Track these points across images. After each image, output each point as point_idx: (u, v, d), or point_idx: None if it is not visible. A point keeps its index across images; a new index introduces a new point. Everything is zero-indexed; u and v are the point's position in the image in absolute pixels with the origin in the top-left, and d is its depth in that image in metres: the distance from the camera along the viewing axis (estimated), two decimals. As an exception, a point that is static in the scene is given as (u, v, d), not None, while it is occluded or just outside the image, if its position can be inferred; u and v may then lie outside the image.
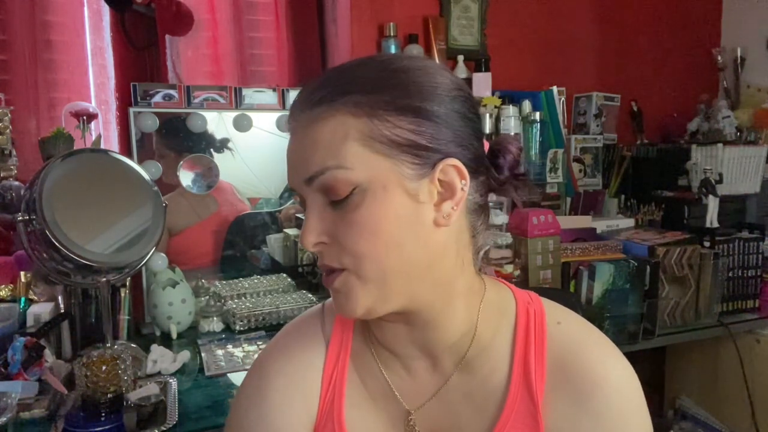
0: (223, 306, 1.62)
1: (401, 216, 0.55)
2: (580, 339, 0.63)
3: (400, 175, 0.55)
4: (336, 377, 0.65)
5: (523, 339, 0.63)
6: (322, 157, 0.54)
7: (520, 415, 0.60)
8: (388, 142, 0.54)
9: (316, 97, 0.56)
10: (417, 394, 0.64)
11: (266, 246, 1.90)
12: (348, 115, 0.54)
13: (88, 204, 1.24)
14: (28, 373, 1.18)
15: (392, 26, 2.00)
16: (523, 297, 0.67)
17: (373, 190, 0.54)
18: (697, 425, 2.03)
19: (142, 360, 1.31)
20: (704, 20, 2.60)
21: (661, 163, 2.16)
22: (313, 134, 0.55)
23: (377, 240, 0.54)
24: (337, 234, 0.55)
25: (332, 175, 0.54)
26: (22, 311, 1.35)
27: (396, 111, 0.55)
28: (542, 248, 1.58)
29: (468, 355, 0.62)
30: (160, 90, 1.67)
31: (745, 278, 1.80)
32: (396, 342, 0.63)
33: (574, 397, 0.60)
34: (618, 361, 0.62)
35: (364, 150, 0.54)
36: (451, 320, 0.61)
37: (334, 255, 0.56)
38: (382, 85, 0.56)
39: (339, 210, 0.55)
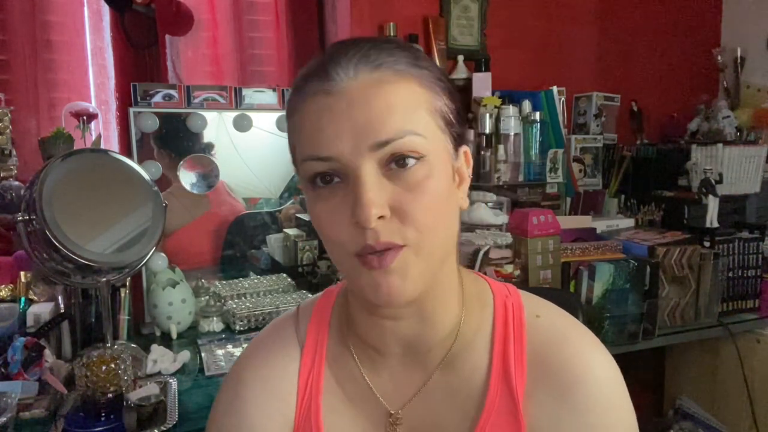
0: (223, 306, 1.62)
1: (449, 193, 0.55)
2: (561, 332, 0.61)
3: (449, 153, 0.55)
4: (312, 382, 0.63)
5: (501, 334, 0.61)
6: (400, 121, 0.51)
7: (500, 413, 0.59)
8: (444, 118, 0.54)
9: (373, 60, 0.52)
10: (398, 394, 0.62)
11: (266, 246, 1.90)
12: (416, 84, 0.53)
13: (88, 204, 1.24)
14: (28, 373, 1.18)
15: (392, 26, 2.00)
16: (500, 290, 0.65)
17: (437, 163, 0.53)
18: (697, 425, 2.03)
19: (142, 360, 1.31)
20: (704, 20, 2.60)
21: (661, 163, 2.16)
22: (384, 96, 0.51)
23: (440, 211, 0.53)
24: (403, 204, 0.51)
25: (410, 140, 0.51)
26: (22, 311, 1.35)
27: (444, 89, 0.55)
28: (542, 248, 1.58)
29: (451, 353, 0.61)
30: (160, 90, 1.67)
31: (745, 278, 1.80)
32: (383, 340, 0.61)
33: (555, 392, 0.58)
34: (600, 354, 0.60)
35: (432, 120, 0.53)
36: (444, 314, 0.60)
37: (395, 229, 0.51)
38: (424, 64, 0.55)
39: (401, 180, 0.51)
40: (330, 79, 0.52)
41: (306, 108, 0.53)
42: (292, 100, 0.56)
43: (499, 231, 1.64)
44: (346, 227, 0.52)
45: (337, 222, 0.52)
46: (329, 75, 0.52)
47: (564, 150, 2.03)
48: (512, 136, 1.94)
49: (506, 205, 1.76)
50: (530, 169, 1.99)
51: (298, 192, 1.97)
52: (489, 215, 1.65)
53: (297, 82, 0.56)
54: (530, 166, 1.99)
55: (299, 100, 0.54)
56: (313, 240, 1.86)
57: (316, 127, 0.52)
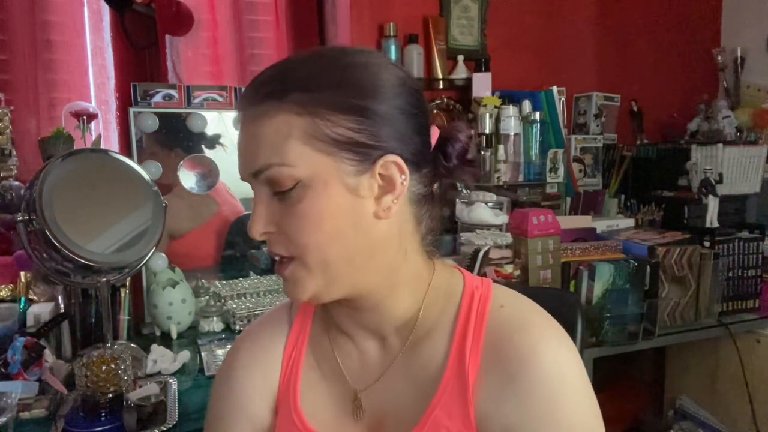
0: (223, 306, 1.62)
1: (341, 209, 0.58)
2: (519, 322, 0.63)
3: (340, 172, 0.58)
4: (294, 357, 0.71)
5: (464, 323, 0.64)
6: (266, 154, 0.58)
7: (452, 395, 0.62)
8: (329, 141, 0.57)
9: (261, 93, 0.59)
10: (365, 375, 0.68)
11: (266, 246, 1.90)
12: (291, 114, 0.57)
13: (88, 204, 1.24)
14: (28, 373, 1.19)
15: (392, 26, 2.00)
16: (472, 282, 0.68)
17: (314, 186, 0.57)
18: (697, 425, 2.03)
19: (142, 360, 1.31)
20: (704, 20, 2.60)
21: (661, 163, 2.16)
22: (258, 131, 0.58)
23: (319, 231, 0.58)
24: (283, 224, 0.59)
25: (276, 171, 0.58)
26: (22, 311, 1.35)
27: (337, 110, 0.57)
28: (542, 248, 1.58)
29: (412, 338, 0.65)
30: (160, 90, 1.67)
31: (745, 278, 1.80)
32: (348, 324, 0.68)
33: (503, 377, 0.60)
34: (555, 344, 0.61)
35: (306, 148, 0.57)
36: (395, 305, 0.65)
37: (281, 244, 0.60)
38: (324, 84, 0.58)
39: (283, 202, 0.59)
40: (240, 109, 0.62)
41: None
42: None
43: (499, 231, 1.64)
44: None
45: None
46: (240, 105, 0.61)
47: (564, 150, 2.03)
48: (512, 136, 1.94)
49: (506, 205, 1.76)
50: (530, 169, 1.99)
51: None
52: (489, 215, 1.65)
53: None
54: (530, 166, 1.99)
55: None
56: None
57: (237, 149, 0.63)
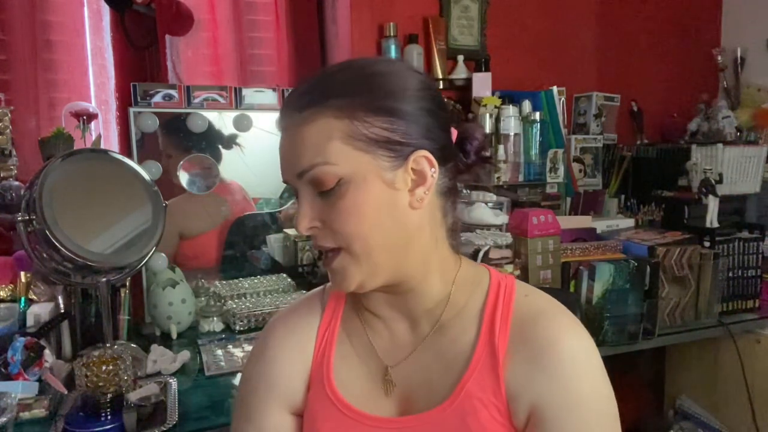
0: (223, 306, 1.62)
1: (380, 201, 0.65)
2: (542, 309, 0.70)
3: (378, 168, 0.64)
4: (328, 335, 0.76)
5: (492, 306, 0.71)
6: (310, 155, 0.64)
7: (484, 369, 0.68)
8: (367, 140, 0.64)
9: (304, 101, 0.65)
10: (396, 352, 0.73)
11: (266, 246, 1.90)
12: (331, 118, 0.63)
13: (88, 204, 1.24)
14: (28, 373, 1.19)
15: (392, 26, 2.00)
16: (497, 275, 0.75)
17: (355, 182, 0.64)
18: (697, 425, 2.03)
19: (142, 360, 1.31)
20: (704, 20, 2.60)
21: (661, 163, 2.16)
22: (302, 134, 0.64)
23: (362, 222, 0.64)
24: (328, 219, 0.65)
25: (320, 170, 0.63)
26: (22, 311, 1.35)
27: (372, 112, 0.64)
28: (542, 248, 1.58)
29: (442, 318, 0.71)
30: (160, 90, 1.67)
31: (745, 278, 1.80)
32: (380, 307, 0.73)
33: (531, 354, 0.66)
34: (574, 330, 0.68)
35: (347, 147, 0.63)
36: (428, 289, 0.71)
37: (327, 237, 0.66)
38: (359, 90, 0.65)
39: (327, 199, 0.64)
40: (282, 117, 0.68)
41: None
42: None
43: (499, 231, 1.63)
44: None
45: None
46: (283, 112, 0.68)
47: (564, 150, 2.03)
48: (512, 136, 1.94)
49: (506, 205, 1.76)
50: (530, 169, 1.99)
51: (298, 192, 1.97)
52: (489, 215, 1.65)
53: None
54: (530, 166, 1.99)
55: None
56: (313, 240, 1.85)
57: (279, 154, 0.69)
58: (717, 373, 1.97)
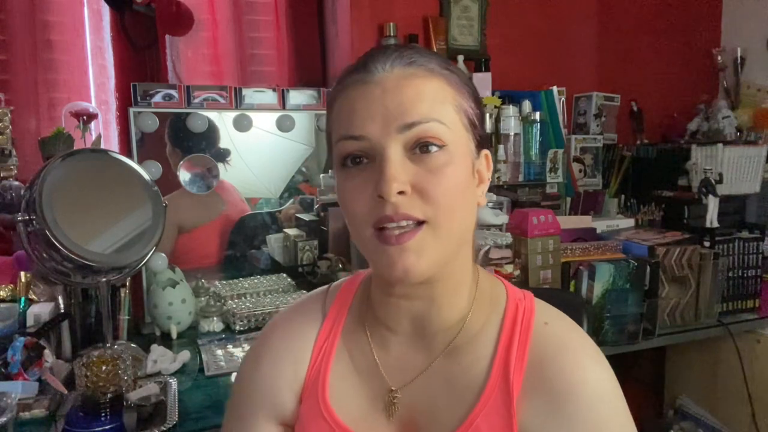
0: (223, 306, 1.62)
1: (467, 183, 0.61)
2: (563, 341, 0.63)
3: (470, 150, 0.62)
4: (325, 349, 0.70)
5: (508, 333, 0.64)
6: (427, 108, 0.58)
7: (495, 405, 0.61)
8: (468, 118, 0.61)
9: (407, 58, 0.59)
10: (402, 373, 0.66)
11: (266, 246, 1.90)
12: (445, 83, 0.60)
13: (88, 204, 1.24)
14: (28, 373, 1.18)
15: (392, 26, 2.00)
16: (515, 293, 0.69)
17: (458, 154, 0.59)
18: (697, 425, 2.03)
19: (142, 360, 1.31)
20: (704, 20, 2.60)
21: (661, 163, 2.16)
22: (415, 87, 0.58)
23: (459, 197, 0.59)
24: (423, 184, 0.57)
25: (434, 126, 0.58)
26: (22, 311, 1.35)
27: (470, 94, 0.63)
28: (542, 248, 1.58)
29: (455, 342, 0.65)
30: (160, 90, 1.67)
31: (745, 278, 1.80)
32: (395, 318, 0.66)
33: (549, 398, 0.60)
34: (598, 366, 0.62)
35: (457, 117, 0.60)
36: (454, 302, 0.65)
37: (416, 205, 0.57)
38: (454, 70, 0.63)
39: (423, 164, 0.57)
40: (368, 71, 0.59)
41: (345, 95, 0.60)
42: (333, 90, 0.63)
43: (499, 231, 1.64)
44: (368, 201, 0.58)
45: (360, 197, 0.58)
46: (367, 68, 0.59)
47: (564, 150, 2.03)
48: (512, 136, 1.94)
49: (506, 205, 1.76)
50: (530, 169, 1.99)
51: (298, 192, 1.97)
52: (489, 215, 1.65)
53: (339, 75, 0.63)
54: (530, 166, 1.99)
55: (339, 90, 0.61)
56: (313, 240, 1.86)
57: (352, 109, 0.59)
58: (717, 373, 1.97)
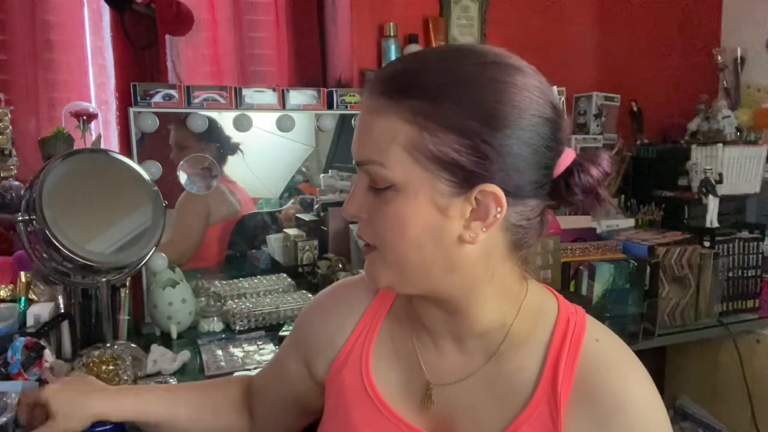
0: (223, 306, 1.62)
1: (426, 223, 0.58)
2: (613, 359, 0.63)
3: (433, 189, 0.57)
4: (370, 328, 0.72)
5: (558, 345, 0.64)
6: (370, 150, 0.59)
7: (541, 415, 0.61)
8: (431, 156, 0.56)
9: (381, 88, 0.59)
10: (441, 371, 0.67)
11: (266, 246, 1.90)
12: (401, 120, 0.57)
13: (88, 204, 1.24)
14: (28, 373, 1.18)
15: (392, 26, 2.00)
16: (567, 307, 0.68)
17: (405, 193, 0.58)
18: (697, 425, 2.03)
19: (142, 360, 1.31)
20: (704, 20, 2.60)
21: (661, 163, 2.16)
22: (369, 124, 0.60)
23: (400, 236, 0.59)
24: (372, 215, 0.61)
25: (373, 169, 0.59)
26: (22, 311, 1.34)
27: (449, 129, 0.55)
28: (542, 248, 1.58)
29: (501, 349, 0.65)
30: (160, 90, 1.67)
31: (745, 278, 1.80)
32: (429, 319, 0.68)
33: (597, 415, 0.60)
34: (647, 386, 0.62)
35: (407, 156, 0.57)
36: (478, 314, 0.64)
37: (368, 231, 0.62)
38: (445, 96, 0.56)
39: (377, 196, 0.60)
40: (364, 92, 0.62)
41: None
42: None
43: (499, 231, 1.63)
44: None
45: None
46: (365, 89, 0.62)
47: (564, 150, 2.03)
48: (512, 136, 1.94)
49: (506, 205, 1.76)
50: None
51: (298, 192, 1.97)
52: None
53: None
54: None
55: None
56: (313, 240, 1.86)
57: None
58: (717, 373, 1.97)
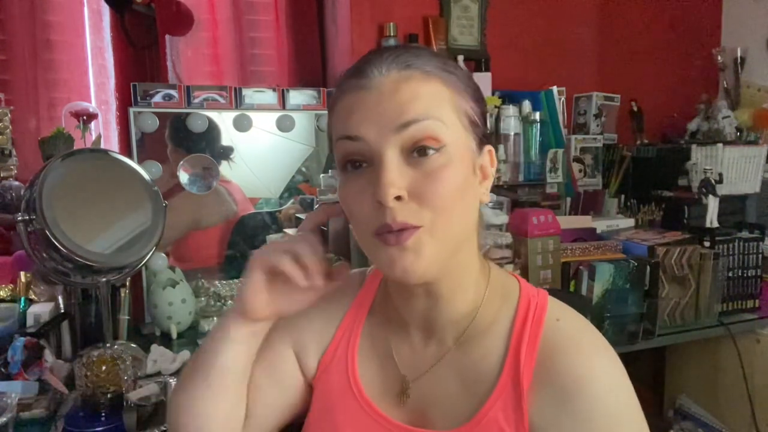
0: (223, 306, 1.62)
1: (467, 183, 0.61)
2: (574, 338, 0.63)
3: (470, 149, 0.62)
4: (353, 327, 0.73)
5: (520, 327, 0.65)
6: (423, 108, 0.57)
7: (507, 400, 0.62)
8: (467, 117, 0.61)
9: (403, 61, 0.59)
10: (415, 364, 0.69)
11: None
12: (441, 84, 0.60)
13: (88, 204, 1.24)
14: (28, 373, 1.18)
15: (392, 26, 2.00)
16: (528, 289, 0.69)
17: (457, 156, 0.59)
18: (697, 425, 2.03)
19: (142, 360, 1.31)
20: (704, 20, 2.60)
21: (661, 163, 2.16)
22: (413, 88, 0.58)
23: (458, 201, 0.59)
24: (420, 188, 0.57)
25: (433, 125, 0.57)
26: (22, 311, 1.35)
27: (469, 92, 0.62)
28: (542, 248, 1.58)
29: (466, 334, 0.66)
30: (160, 90, 1.67)
31: (745, 278, 1.80)
32: (406, 310, 0.68)
33: (558, 395, 0.60)
34: (609, 361, 0.62)
35: (455, 117, 0.60)
36: (459, 297, 0.65)
37: (412, 211, 0.57)
38: (452, 69, 0.62)
39: (420, 167, 0.57)
40: (365, 77, 0.59)
41: (343, 100, 0.61)
42: (332, 95, 0.64)
43: (499, 231, 1.63)
44: (369, 206, 0.58)
45: (361, 201, 0.59)
46: (364, 73, 0.59)
47: (564, 150, 2.03)
48: (512, 136, 1.94)
49: (506, 205, 1.76)
50: (530, 169, 1.99)
51: (298, 192, 1.97)
52: (489, 215, 1.65)
53: (338, 80, 0.63)
54: (530, 166, 1.98)
55: (339, 94, 0.62)
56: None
57: (350, 112, 0.59)
58: (717, 373, 1.97)
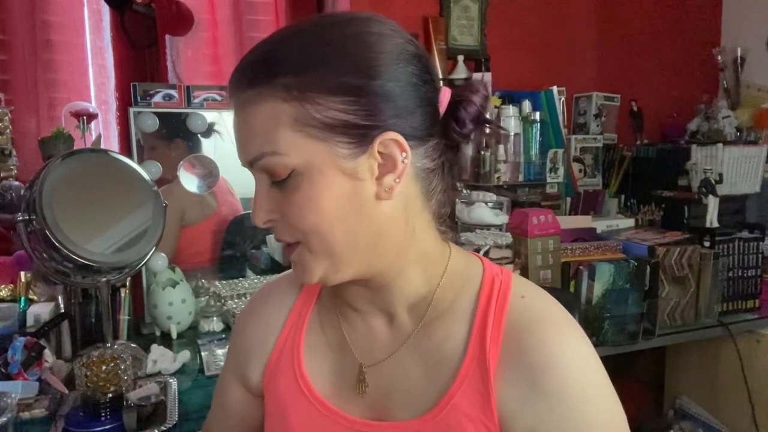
0: (223, 306, 1.62)
1: (341, 194, 0.56)
2: (540, 313, 0.61)
3: (335, 156, 0.55)
4: (299, 321, 0.71)
5: (484, 306, 0.62)
6: (258, 143, 0.56)
7: (473, 381, 0.59)
8: (321, 126, 0.54)
9: (248, 77, 0.56)
10: (372, 350, 0.66)
11: (266, 246, 1.90)
12: (278, 100, 0.54)
13: (88, 204, 1.24)
14: (28, 373, 1.18)
15: (392, 26, 2.00)
16: (492, 268, 0.66)
17: (309, 174, 0.55)
18: (697, 425, 2.03)
19: (142, 360, 1.31)
20: (704, 20, 2.60)
21: (661, 163, 2.16)
22: (248, 118, 0.56)
23: (320, 218, 0.56)
24: (284, 212, 0.58)
25: (269, 161, 0.56)
26: (22, 311, 1.35)
27: (327, 92, 0.54)
28: (542, 248, 1.58)
29: (426, 318, 0.64)
30: (160, 90, 1.67)
31: (745, 278, 1.80)
32: (356, 300, 0.66)
33: (527, 371, 0.58)
34: (576, 338, 0.60)
35: (297, 135, 0.55)
36: (405, 284, 0.63)
37: (285, 230, 0.59)
38: (312, 64, 0.55)
39: (282, 190, 0.57)
40: (229, 92, 0.59)
41: None
42: None
43: (499, 231, 1.63)
44: None
45: None
46: (230, 89, 0.58)
47: (564, 150, 2.03)
48: (512, 136, 1.94)
49: (506, 205, 1.76)
50: (530, 169, 1.99)
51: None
52: (489, 215, 1.65)
53: None
54: (530, 166, 1.99)
55: None
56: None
57: None
58: (717, 373, 1.97)
